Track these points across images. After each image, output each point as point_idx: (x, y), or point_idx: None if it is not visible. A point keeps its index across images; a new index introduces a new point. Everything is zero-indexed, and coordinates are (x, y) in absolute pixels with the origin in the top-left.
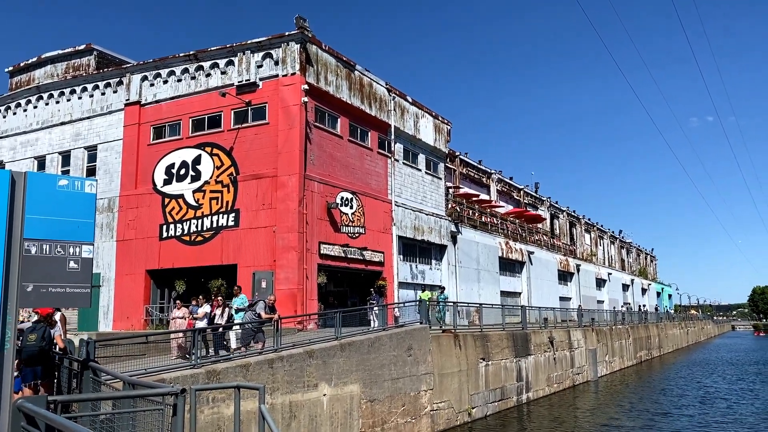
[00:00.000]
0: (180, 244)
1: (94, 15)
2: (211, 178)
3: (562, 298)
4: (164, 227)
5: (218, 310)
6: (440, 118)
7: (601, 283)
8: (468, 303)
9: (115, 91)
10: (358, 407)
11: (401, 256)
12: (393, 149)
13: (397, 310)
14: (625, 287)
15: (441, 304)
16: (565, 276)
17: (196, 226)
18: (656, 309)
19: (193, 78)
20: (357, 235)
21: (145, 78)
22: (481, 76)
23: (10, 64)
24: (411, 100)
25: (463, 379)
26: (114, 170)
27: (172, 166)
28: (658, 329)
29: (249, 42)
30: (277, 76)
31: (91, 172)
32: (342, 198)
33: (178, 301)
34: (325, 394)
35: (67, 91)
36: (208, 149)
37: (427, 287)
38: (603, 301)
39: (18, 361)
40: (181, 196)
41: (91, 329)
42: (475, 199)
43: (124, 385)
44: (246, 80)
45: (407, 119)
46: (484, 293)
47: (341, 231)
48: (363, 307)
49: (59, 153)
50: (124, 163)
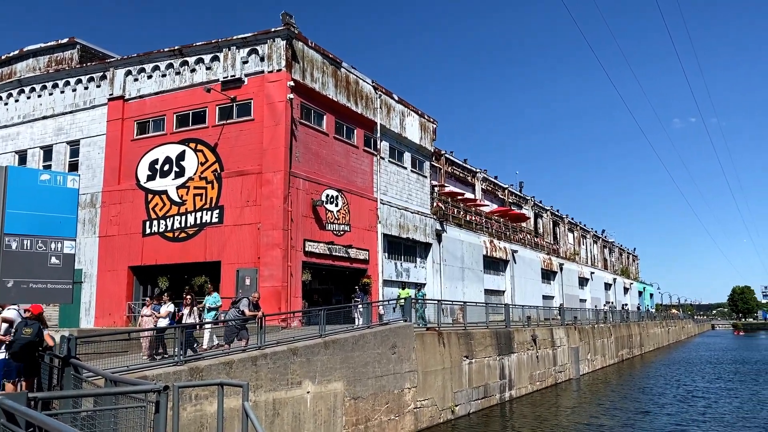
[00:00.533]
0: (163, 241)
1: (77, 8)
2: (195, 174)
3: (545, 297)
4: (147, 223)
5: (186, 310)
6: (426, 117)
7: (583, 282)
8: (452, 301)
9: (98, 86)
10: (341, 405)
11: (386, 254)
12: (379, 147)
13: (381, 307)
14: (608, 286)
15: (419, 302)
16: (548, 275)
17: (180, 223)
18: (638, 308)
19: (178, 73)
20: (342, 232)
21: (128, 73)
22: (466, 76)
23: None
24: (397, 98)
25: (446, 377)
26: (97, 165)
27: (156, 161)
28: (639, 328)
29: (234, 38)
30: (263, 72)
31: (74, 167)
32: (327, 195)
33: (147, 299)
34: (308, 392)
35: (49, 84)
36: (192, 145)
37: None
38: (585, 300)
39: (9, 352)
40: (165, 192)
41: (72, 326)
42: (460, 197)
43: (106, 382)
44: (231, 76)
45: (393, 117)
46: (469, 291)
47: (326, 228)
48: (348, 304)
49: (41, 147)
50: (107, 158)
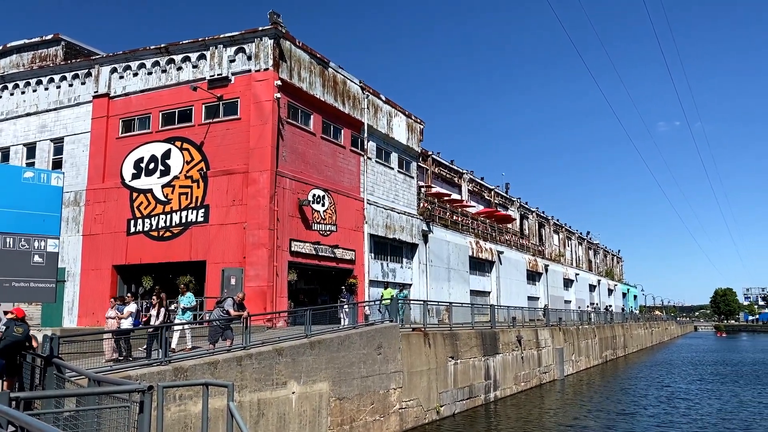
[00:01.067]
0: (148, 240)
1: (62, 4)
2: (180, 173)
3: (530, 298)
4: (132, 222)
5: (154, 311)
6: (413, 118)
7: (568, 283)
8: (438, 302)
9: (83, 83)
10: (327, 405)
11: (372, 255)
12: (366, 147)
13: (367, 308)
14: (592, 288)
15: (401, 302)
16: (533, 276)
17: (165, 222)
18: (622, 309)
19: (164, 71)
20: (328, 232)
21: (114, 70)
22: (454, 78)
23: None
24: (384, 99)
25: (432, 378)
26: (81, 163)
27: (141, 160)
28: (623, 329)
29: (222, 36)
30: (250, 71)
31: (57, 164)
32: (314, 195)
33: (112, 299)
34: (293, 392)
35: (33, 81)
36: (178, 144)
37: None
38: (570, 301)
39: None
40: (150, 190)
41: (55, 325)
42: (446, 198)
43: (89, 382)
44: (218, 75)
45: (380, 118)
46: (454, 292)
47: (313, 228)
48: (333, 305)
49: (24, 145)
50: (91, 156)
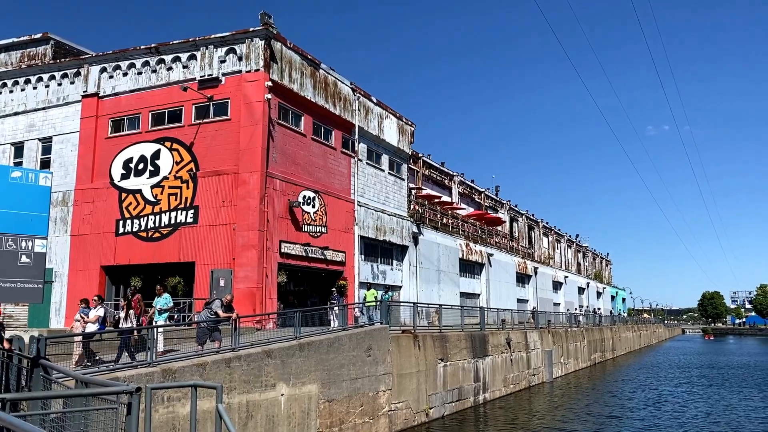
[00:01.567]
0: (137, 240)
1: (51, 3)
2: (170, 173)
3: (519, 300)
4: (121, 222)
5: (122, 313)
6: (404, 120)
7: (557, 285)
8: (428, 304)
9: (72, 82)
10: (316, 407)
11: (363, 256)
12: (357, 149)
13: (357, 310)
14: (581, 290)
15: (385, 304)
16: (523, 278)
17: (154, 222)
18: (611, 312)
19: (154, 71)
20: (319, 234)
21: (104, 70)
22: (445, 80)
23: None
24: (375, 101)
25: (421, 380)
26: (69, 163)
27: (130, 160)
28: (611, 332)
29: (212, 36)
30: (241, 72)
31: (46, 164)
32: (304, 197)
33: (80, 301)
34: (282, 394)
35: (21, 80)
36: (168, 144)
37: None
38: (559, 304)
39: None
40: (139, 191)
41: (42, 326)
42: (437, 200)
43: (77, 383)
44: (208, 75)
45: (371, 119)
46: (444, 294)
47: (303, 230)
48: (323, 306)
49: (12, 144)
50: (80, 156)
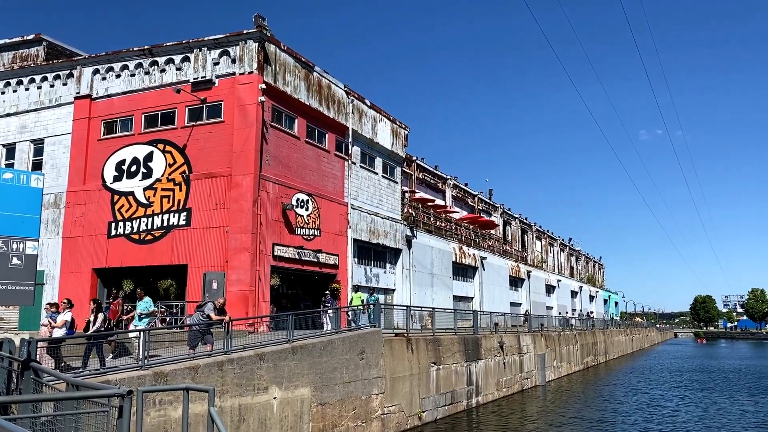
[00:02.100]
0: (129, 243)
1: (44, 4)
2: (162, 175)
3: (513, 304)
4: (113, 225)
5: (91, 316)
6: (398, 123)
7: (550, 289)
8: (421, 307)
9: (64, 84)
10: (308, 410)
11: (356, 260)
12: (350, 152)
13: (350, 313)
14: (574, 294)
15: (373, 306)
16: (516, 282)
17: (146, 225)
18: (604, 316)
19: (147, 73)
20: (312, 237)
21: (96, 71)
22: (439, 83)
23: None
24: (369, 104)
25: (414, 383)
26: (61, 165)
27: (123, 162)
28: (604, 336)
29: (206, 39)
30: (234, 74)
31: (37, 166)
32: (298, 199)
33: (46, 305)
34: (275, 398)
35: (13, 81)
36: (161, 146)
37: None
38: (552, 307)
39: None
40: (131, 193)
41: (32, 328)
42: (430, 204)
43: (68, 386)
44: (202, 77)
45: (365, 122)
46: (438, 297)
47: (296, 233)
48: (316, 310)
49: (3, 145)
50: (72, 158)
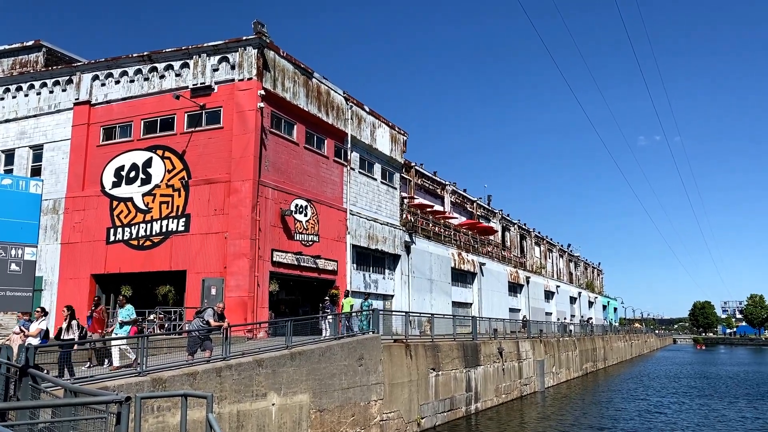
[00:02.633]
0: (128, 249)
1: (44, 10)
2: (161, 181)
3: (511, 310)
4: (111, 231)
5: (64, 324)
6: (397, 129)
7: (549, 295)
8: (420, 313)
9: (64, 90)
10: (307, 417)
11: (355, 265)
12: (349, 158)
13: (346, 319)
14: (573, 300)
15: (364, 312)
16: (515, 287)
17: (145, 231)
18: (603, 322)
19: (147, 79)
20: (311, 243)
21: (96, 77)
22: (436, 89)
23: None
24: (368, 110)
25: (413, 389)
26: (60, 171)
27: (122, 168)
28: (603, 342)
29: (205, 45)
30: (233, 80)
31: (36, 172)
32: (296, 205)
33: (19, 313)
34: (274, 404)
35: (12, 87)
36: (160, 152)
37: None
38: (551, 313)
39: None
40: (130, 199)
41: None
42: (429, 209)
43: (66, 393)
44: (201, 83)
45: (364, 128)
46: (436, 303)
47: (295, 238)
48: (315, 315)
49: (2, 151)
50: (71, 163)
